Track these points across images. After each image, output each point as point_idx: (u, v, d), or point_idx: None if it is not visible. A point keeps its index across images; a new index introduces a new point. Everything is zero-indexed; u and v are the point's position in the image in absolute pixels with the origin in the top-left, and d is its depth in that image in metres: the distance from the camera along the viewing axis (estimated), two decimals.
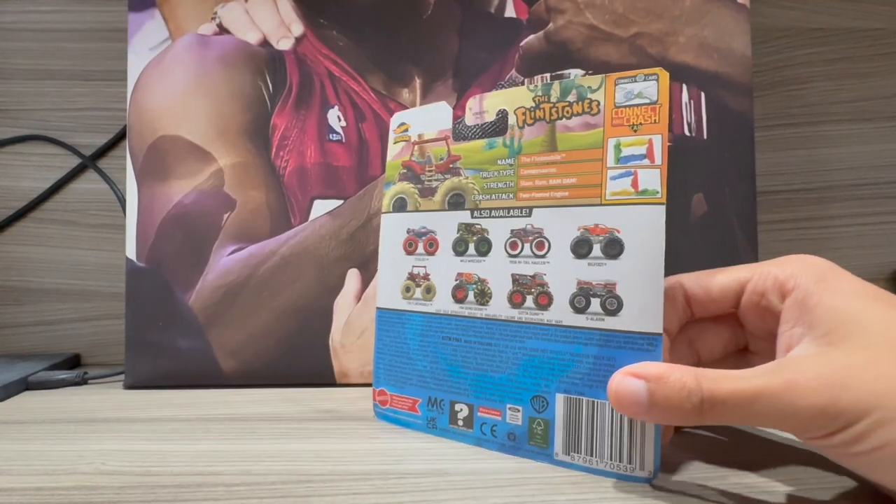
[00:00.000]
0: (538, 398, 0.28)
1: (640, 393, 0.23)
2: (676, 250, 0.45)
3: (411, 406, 0.32)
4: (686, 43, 0.46)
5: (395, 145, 0.35)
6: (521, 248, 0.29)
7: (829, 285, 0.25)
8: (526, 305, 0.29)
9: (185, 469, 0.27)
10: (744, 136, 0.47)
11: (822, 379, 0.21)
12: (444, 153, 0.33)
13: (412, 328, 0.33)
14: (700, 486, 0.25)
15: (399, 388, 0.33)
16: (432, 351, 0.32)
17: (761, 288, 0.27)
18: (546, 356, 0.28)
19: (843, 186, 0.58)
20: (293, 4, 0.47)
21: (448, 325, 0.31)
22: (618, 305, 0.26)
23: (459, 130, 0.32)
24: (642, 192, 0.26)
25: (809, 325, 0.24)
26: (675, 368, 0.23)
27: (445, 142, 0.33)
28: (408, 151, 0.34)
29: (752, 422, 0.23)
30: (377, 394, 0.34)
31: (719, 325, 0.29)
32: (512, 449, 0.29)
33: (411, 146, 0.34)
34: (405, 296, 0.33)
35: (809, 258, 0.26)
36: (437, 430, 0.31)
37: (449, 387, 0.31)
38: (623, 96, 0.27)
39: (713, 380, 0.23)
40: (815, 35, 0.58)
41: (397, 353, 0.33)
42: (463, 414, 0.30)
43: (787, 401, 0.21)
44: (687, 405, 0.23)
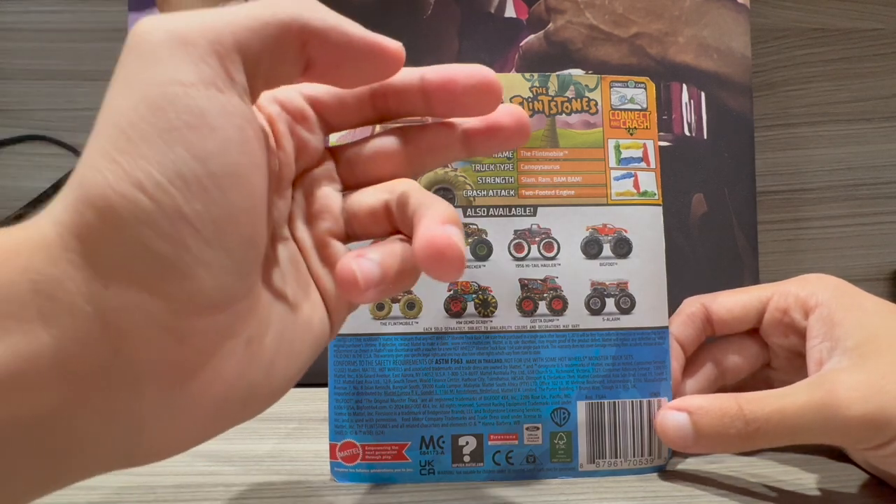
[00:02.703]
0: (559, 410, 0.27)
1: (685, 426, 0.24)
2: (676, 250, 0.45)
3: (397, 453, 0.26)
4: (686, 43, 0.46)
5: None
6: (528, 251, 0.27)
7: (851, 301, 0.26)
8: (539, 312, 0.27)
9: (185, 469, 0.27)
10: (744, 136, 0.47)
11: (865, 389, 0.22)
12: None
13: (391, 355, 0.27)
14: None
15: (376, 435, 0.26)
16: (423, 379, 0.27)
17: (783, 305, 0.27)
18: (565, 364, 0.27)
19: (842, 186, 0.58)
20: None
21: (442, 346, 0.27)
22: (631, 304, 0.27)
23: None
24: (643, 193, 0.27)
25: (838, 339, 0.24)
26: (716, 397, 0.24)
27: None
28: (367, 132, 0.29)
29: (800, 438, 0.23)
30: (340, 449, 0.26)
31: (743, 343, 0.29)
32: (531, 473, 0.26)
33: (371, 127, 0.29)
34: (377, 315, 0.27)
35: (825, 276, 0.27)
36: (434, 475, 0.26)
37: (449, 419, 0.26)
38: (618, 99, 0.28)
39: (754, 401, 0.23)
40: (815, 35, 0.58)
41: (370, 390, 0.26)
42: (470, 448, 0.26)
43: (834, 413, 0.22)
44: (732, 430, 0.23)
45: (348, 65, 0.19)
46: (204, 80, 0.15)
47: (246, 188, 0.16)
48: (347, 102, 0.21)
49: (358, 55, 0.19)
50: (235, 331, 0.17)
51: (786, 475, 0.26)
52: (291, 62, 0.18)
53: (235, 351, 0.17)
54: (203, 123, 0.15)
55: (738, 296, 0.29)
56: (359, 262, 0.18)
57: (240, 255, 0.16)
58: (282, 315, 0.19)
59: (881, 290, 0.56)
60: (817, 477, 0.26)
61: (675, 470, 0.27)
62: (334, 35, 0.18)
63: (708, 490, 0.25)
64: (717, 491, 0.25)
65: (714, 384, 0.29)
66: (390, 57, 0.20)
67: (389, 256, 0.19)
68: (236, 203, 0.16)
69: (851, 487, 0.25)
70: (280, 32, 0.17)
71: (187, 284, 0.15)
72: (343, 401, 0.27)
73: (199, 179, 0.15)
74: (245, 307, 0.17)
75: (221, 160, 0.15)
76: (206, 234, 0.15)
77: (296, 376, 0.20)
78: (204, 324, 0.16)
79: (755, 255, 0.47)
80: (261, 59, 0.17)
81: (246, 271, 0.17)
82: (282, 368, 0.19)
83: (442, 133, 0.22)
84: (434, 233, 0.18)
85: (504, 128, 0.22)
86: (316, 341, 0.20)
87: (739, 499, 0.24)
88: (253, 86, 0.17)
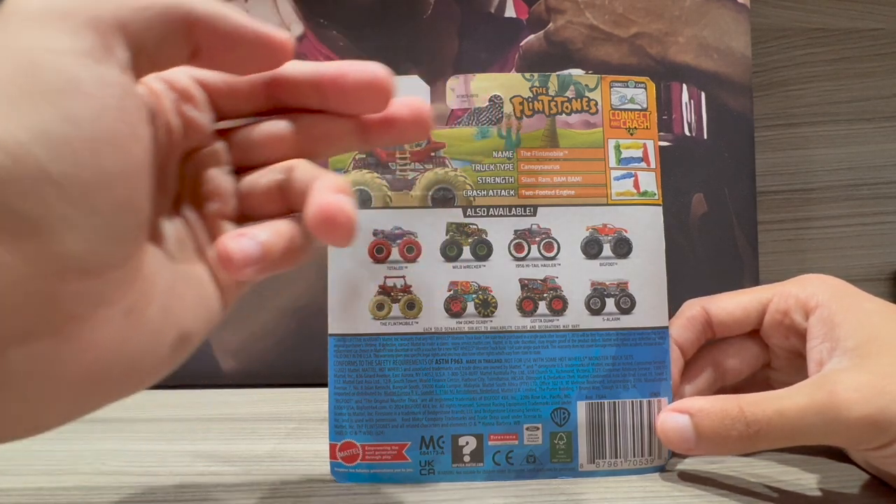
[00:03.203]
0: (559, 410, 0.27)
1: (687, 428, 0.24)
2: (676, 250, 0.45)
3: (397, 453, 0.26)
4: (686, 43, 0.46)
5: None
6: (528, 251, 0.27)
7: (851, 302, 0.26)
8: (539, 312, 0.27)
9: (185, 469, 0.27)
10: (744, 136, 0.47)
11: (866, 389, 0.22)
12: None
13: (391, 356, 0.27)
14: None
15: (376, 435, 0.26)
16: (423, 380, 0.27)
17: (784, 307, 0.27)
18: (565, 364, 0.27)
19: (842, 186, 0.58)
20: (293, 4, 0.47)
21: (443, 346, 0.27)
22: (631, 304, 0.27)
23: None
24: (643, 193, 0.27)
25: (838, 339, 0.24)
26: (717, 399, 0.24)
27: None
28: None
29: (801, 439, 0.23)
30: (340, 449, 0.26)
31: (743, 345, 0.29)
32: (531, 473, 0.26)
33: None
34: (377, 315, 0.27)
35: (826, 277, 0.27)
36: (434, 475, 0.26)
37: (449, 419, 0.26)
38: (618, 99, 0.28)
39: (755, 403, 0.23)
40: (815, 35, 0.58)
41: (370, 389, 0.27)
42: (470, 448, 0.26)
43: (835, 414, 0.22)
44: (733, 432, 0.23)
45: (235, 52, 0.20)
46: (78, 51, 0.16)
47: (122, 155, 0.16)
48: (239, 89, 0.22)
49: (244, 43, 0.19)
50: (112, 298, 0.17)
51: (786, 475, 0.26)
52: (177, 45, 0.18)
53: (113, 319, 0.17)
54: (76, 89, 0.15)
55: (738, 298, 0.29)
56: (237, 240, 0.19)
57: (113, 220, 0.16)
58: (167, 288, 0.19)
59: (881, 290, 0.56)
60: (817, 477, 0.26)
61: (675, 470, 0.27)
62: (220, 22, 0.19)
63: (708, 490, 0.25)
64: (717, 491, 0.25)
65: (714, 385, 0.29)
66: (277, 47, 0.20)
67: (274, 234, 0.20)
68: (110, 168, 0.16)
69: (851, 487, 0.25)
70: (165, 16, 0.18)
71: (52, 246, 0.15)
72: (343, 401, 0.27)
73: (68, 141, 0.15)
74: (123, 275, 0.17)
75: (96, 125, 0.15)
76: (72, 196, 0.15)
77: (186, 350, 0.20)
78: (75, 288, 0.16)
79: (755, 255, 0.47)
80: (145, 38, 0.17)
81: (121, 238, 0.17)
82: (169, 341, 0.19)
83: (337, 123, 0.22)
84: (325, 198, 0.19)
85: (399, 120, 0.23)
86: (206, 317, 0.21)
87: (739, 499, 0.24)
88: (138, 63, 0.17)
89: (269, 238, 0.20)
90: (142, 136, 0.17)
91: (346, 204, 0.19)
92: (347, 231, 0.19)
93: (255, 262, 0.19)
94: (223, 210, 0.22)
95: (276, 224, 0.21)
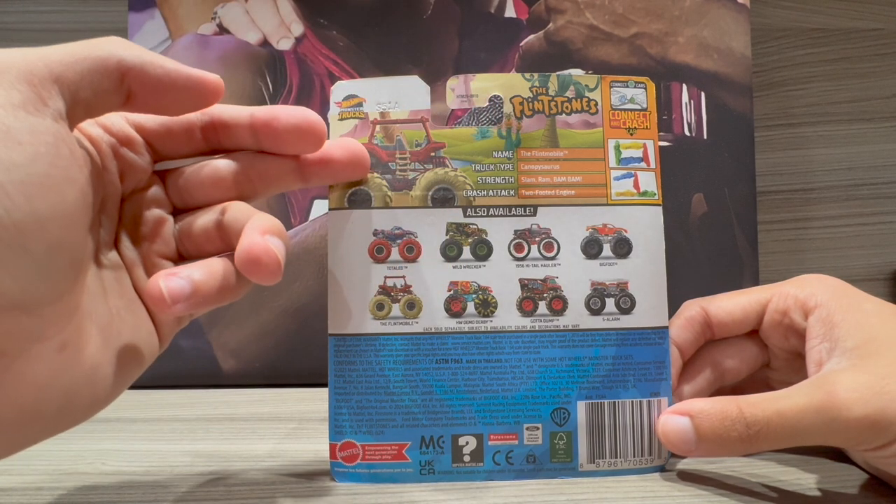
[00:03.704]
0: (559, 410, 0.27)
1: (687, 430, 0.24)
2: (676, 250, 0.46)
3: (397, 453, 0.26)
4: (686, 43, 0.46)
5: (343, 122, 0.28)
6: (528, 251, 0.27)
7: (850, 302, 0.26)
8: (539, 312, 0.27)
9: (185, 469, 0.27)
10: (744, 136, 0.47)
11: (865, 390, 0.22)
12: (421, 138, 0.28)
13: (391, 355, 0.27)
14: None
15: (376, 434, 0.26)
16: (423, 379, 0.26)
17: (783, 307, 0.27)
18: (565, 364, 0.27)
19: (842, 186, 0.58)
20: (293, 4, 0.47)
21: (442, 346, 0.27)
22: (631, 304, 0.27)
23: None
24: (643, 193, 0.27)
25: (837, 339, 0.25)
26: (716, 400, 0.24)
27: (423, 124, 0.28)
28: (365, 132, 0.28)
29: (801, 440, 0.23)
30: (340, 449, 0.26)
31: (742, 345, 0.29)
32: (531, 473, 0.26)
33: (371, 126, 0.28)
34: (377, 315, 0.27)
35: (824, 277, 0.27)
36: (434, 475, 0.26)
37: (449, 419, 0.26)
38: (618, 99, 0.28)
39: (754, 404, 0.23)
40: (815, 35, 0.58)
41: (370, 390, 0.26)
42: (470, 447, 0.26)
43: (835, 414, 0.22)
44: (733, 433, 0.23)
45: (167, 96, 0.20)
46: (11, 103, 0.17)
47: (55, 198, 0.17)
48: (175, 132, 0.23)
49: (175, 87, 0.20)
50: (45, 334, 0.17)
51: (786, 475, 0.26)
52: (111, 93, 0.19)
53: (47, 355, 0.17)
54: (8, 137, 0.16)
55: (737, 298, 0.29)
56: (167, 279, 0.20)
57: (46, 260, 0.17)
58: (105, 324, 0.20)
59: (881, 290, 0.56)
60: (817, 477, 0.26)
61: (675, 470, 0.27)
62: (150, 69, 0.20)
63: (708, 490, 0.25)
64: (717, 491, 0.25)
65: (713, 386, 0.29)
66: (207, 88, 0.21)
67: (207, 274, 0.21)
68: (42, 211, 0.16)
69: (851, 487, 0.25)
70: (97, 66, 0.19)
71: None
72: (343, 401, 0.26)
73: (1, 185, 0.16)
74: (56, 311, 0.17)
75: (28, 170, 0.16)
76: (4, 236, 0.16)
77: (124, 385, 0.21)
78: (5, 325, 0.16)
79: (755, 255, 0.47)
80: (79, 88, 0.18)
81: (54, 276, 0.17)
82: (108, 376, 0.20)
83: (275, 162, 0.24)
84: (253, 240, 0.20)
85: (335, 161, 0.24)
86: (144, 353, 0.22)
87: (739, 499, 0.24)
88: (73, 112, 0.18)
89: (201, 277, 0.21)
90: (76, 180, 0.18)
91: (272, 245, 0.21)
92: (272, 272, 0.20)
93: (185, 299, 0.20)
94: (161, 250, 0.23)
95: (209, 262, 0.22)
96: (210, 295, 0.21)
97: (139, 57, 0.19)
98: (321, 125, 0.23)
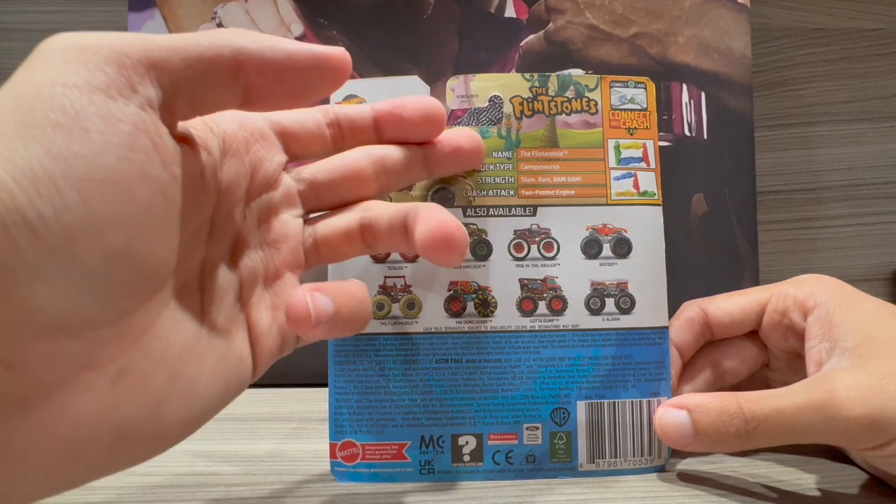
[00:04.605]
0: (559, 410, 0.27)
1: (685, 424, 0.24)
2: (676, 250, 0.45)
3: (397, 453, 0.26)
4: (686, 43, 0.46)
5: None
6: (528, 251, 0.27)
7: (849, 301, 0.26)
8: (538, 312, 0.27)
9: (185, 469, 0.27)
10: (744, 136, 0.47)
11: (864, 389, 0.22)
12: None
13: (391, 355, 0.27)
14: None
15: (376, 434, 0.26)
16: (423, 379, 0.27)
17: (782, 307, 0.27)
18: (564, 364, 0.27)
19: (842, 186, 0.58)
20: (293, 4, 0.47)
21: (442, 345, 0.27)
22: (631, 304, 0.27)
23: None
24: (643, 193, 0.27)
25: (836, 339, 0.24)
26: (716, 395, 0.24)
27: None
28: None
29: (799, 438, 0.23)
30: (340, 448, 0.26)
31: (742, 345, 0.29)
32: (531, 473, 0.26)
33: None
34: (377, 315, 0.27)
35: (823, 277, 0.27)
36: (434, 475, 0.26)
37: (449, 418, 0.26)
38: (618, 99, 0.28)
39: (753, 400, 0.23)
40: (815, 35, 0.58)
41: (370, 389, 0.27)
42: (470, 447, 0.26)
43: (833, 413, 0.22)
44: (731, 429, 0.23)
45: (292, 82, 0.18)
46: (92, 85, 0.14)
47: (121, 197, 0.14)
48: (309, 128, 0.22)
49: (301, 70, 0.18)
50: (97, 361, 0.15)
51: (786, 475, 0.26)
52: (224, 87, 0.17)
53: (96, 386, 0.15)
54: (74, 124, 0.14)
55: (736, 299, 0.29)
56: (313, 295, 0.18)
57: (102, 273, 0.14)
58: (185, 350, 0.17)
59: (881, 290, 0.56)
60: (817, 477, 0.26)
61: (675, 470, 0.27)
62: (271, 53, 0.17)
63: (708, 490, 0.25)
64: (717, 491, 0.25)
65: (712, 386, 0.29)
66: (334, 65, 0.19)
67: (345, 295, 0.19)
68: (101, 212, 0.14)
69: (851, 487, 0.25)
70: (208, 54, 0.16)
71: (16, 298, 0.13)
72: (343, 401, 0.27)
73: (52, 180, 0.13)
74: (114, 335, 0.15)
75: (89, 163, 0.14)
76: (49, 243, 0.13)
77: (198, 422, 0.18)
78: (43, 349, 0.14)
79: (755, 255, 0.47)
80: (183, 78, 0.16)
81: (112, 294, 0.14)
82: (177, 411, 0.17)
83: (405, 154, 0.23)
84: (441, 216, 0.20)
85: (463, 149, 0.24)
86: (229, 384, 0.19)
87: (739, 499, 0.24)
88: (172, 103, 0.16)
89: (341, 297, 0.19)
90: (155, 178, 0.15)
91: (459, 223, 0.20)
92: (461, 249, 0.20)
93: (327, 320, 0.18)
94: (288, 259, 0.21)
95: (344, 284, 0.20)
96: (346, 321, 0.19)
97: (257, 42, 0.17)
98: (443, 111, 0.23)
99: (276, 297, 0.21)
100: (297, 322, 0.18)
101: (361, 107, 0.23)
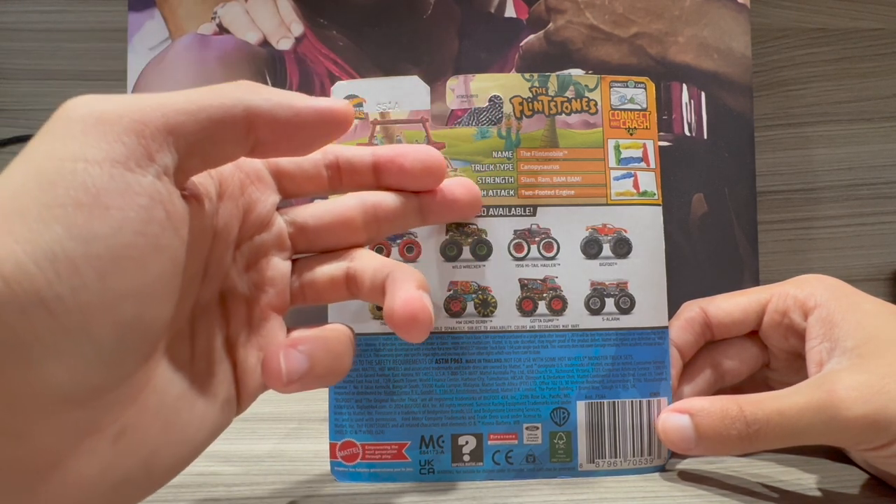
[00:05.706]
0: (559, 410, 0.27)
1: (687, 428, 0.24)
2: (676, 250, 0.45)
3: (397, 453, 0.26)
4: (686, 43, 0.46)
5: None
6: (528, 251, 0.27)
7: (849, 301, 0.26)
8: (538, 312, 0.27)
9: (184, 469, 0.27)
10: (744, 136, 0.47)
11: (865, 389, 0.22)
12: (421, 138, 0.27)
13: (391, 355, 0.27)
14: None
15: (376, 434, 0.26)
16: (423, 379, 0.27)
17: (782, 307, 0.27)
18: (564, 364, 0.27)
19: (842, 186, 0.58)
20: (293, 4, 0.47)
21: (442, 345, 0.27)
22: (631, 304, 0.27)
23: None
24: (643, 193, 0.27)
25: (837, 339, 0.24)
26: (717, 399, 0.24)
27: (423, 125, 0.28)
28: (365, 132, 0.28)
29: (801, 439, 0.23)
30: (340, 448, 0.26)
31: (742, 346, 0.29)
32: (531, 473, 0.26)
33: (371, 126, 0.28)
34: (377, 315, 0.27)
35: (824, 277, 0.27)
36: (434, 475, 0.26)
37: (449, 418, 0.26)
38: (618, 99, 0.28)
39: (755, 402, 0.23)
40: (815, 35, 0.58)
41: (370, 389, 0.27)
42: (469, 447, 0.26)
43: (834, 413, 0.22)
44: (733, 432, 0.23)
45: (298, 136, 0.19)
46: (112, 159, 0.14)
47: (135, 272, 0.15)
48: (306, 169, 0.22)
49: (307, 125, 0.19)
50: (100, 425, 0.15)
51: (786, 475, 0.26)
52: (234, 144, 0.17)
53: (98, 448, 0.15)
54: (95, 202, 0.14)
55: (736, 299, 0.29)
56: (288, 353, 0.18)
57: (111, 344, 0.14)
58: (177, 398, 0.17)
59: (881, 290, 0.56)
60: (817, 477, 0.26)
61: (675, 470, 0.27)
62: (281, 111, 0.18)
63: (708, 490, 0.25)
64: (717, 491, 0.25)
65: (713, 387, 0.29)
66: (338, 119, 0.19)
67: (321, 350, 0.19)
68: (116, 289, 0.14)
69: (851, 487, 0.25)
70: (221, 115, 0.17)
71: (30, 377, 0.13)
72: (343, 401, 0.27)
73: (72, 261, 0.13)
74: (116, 398, 0.15)
75: (108, 242, 0.14)
76: (65, 322, 0.13)
77: (185, 465, 0.18)
78: (52, 421, 0.14)
79: (755, 255, 0.47)
80: (196, 141, 0.16)
81: (119, 360, 0.15)
82: (168, 458, 0.17)
83: (401, 202, 0.23)
84: (410, 294, 0.19)
85: (458, 200, 0.24)
86: (216, 426, 0.19)
87: (739, 499, 0.24)
88: (185, 166, 0.16)
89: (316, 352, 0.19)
90: (166, 247, 0.15)
91: (426, 301, 0.20)
92: (425, 329, 0.20)
93: (301, 378, 0.18)
94: (274, 302, 0.21)
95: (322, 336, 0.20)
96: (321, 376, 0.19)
97: (268, 101, 0.17)
98: (444, 162, 0.24)
99: (260, 339, 0.21)
100: (269, 380, 0.18)
101: (362, 150, 0.23)
